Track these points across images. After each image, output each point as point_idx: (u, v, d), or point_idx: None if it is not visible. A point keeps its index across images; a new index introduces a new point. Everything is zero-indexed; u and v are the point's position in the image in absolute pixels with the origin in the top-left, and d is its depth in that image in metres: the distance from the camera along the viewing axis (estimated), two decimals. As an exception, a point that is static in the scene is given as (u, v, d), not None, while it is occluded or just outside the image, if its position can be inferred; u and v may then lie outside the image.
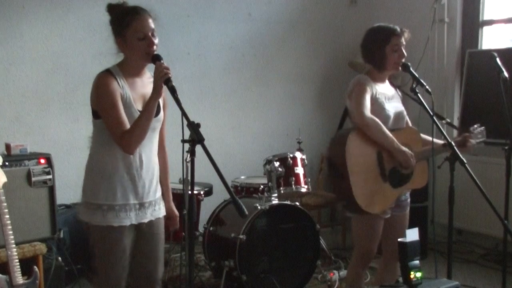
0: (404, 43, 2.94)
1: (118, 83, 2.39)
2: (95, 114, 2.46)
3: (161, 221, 2.60)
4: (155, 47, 2.39)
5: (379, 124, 2.84)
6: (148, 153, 2.48)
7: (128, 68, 2.46)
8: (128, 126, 2.36)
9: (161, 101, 2.48)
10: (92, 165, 2.50)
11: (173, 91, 2.27)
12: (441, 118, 2.91)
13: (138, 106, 2.43)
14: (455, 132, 4.80)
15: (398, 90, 3.14)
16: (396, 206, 3.04)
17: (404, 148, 2.87)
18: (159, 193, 2.58)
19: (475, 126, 3.16)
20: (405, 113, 3.08)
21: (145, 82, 2.49)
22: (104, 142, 2.44)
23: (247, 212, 2.14)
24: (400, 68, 2.95)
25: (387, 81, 3.08)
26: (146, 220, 2.50)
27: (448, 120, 2.96)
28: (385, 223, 3.09)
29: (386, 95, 2.99)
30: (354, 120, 2.90)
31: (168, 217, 2.69)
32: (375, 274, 3.44)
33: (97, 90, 2.41)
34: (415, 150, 2.95)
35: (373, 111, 2.90)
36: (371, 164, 2.88)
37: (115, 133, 2.36)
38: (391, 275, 3.12)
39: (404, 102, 3.17)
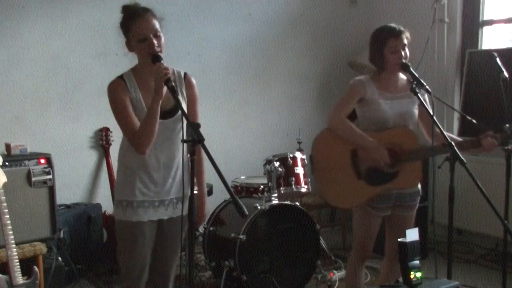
0: (405, 43, 2.93)
1: (128, 87, 2.44)
2: None
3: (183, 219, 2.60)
4: (157, 48, 2.39)
5: (347, 124, 2.95)
6: (167, 152, 2.51)
7: (140, 70, 2.50)
8: (137, 128, 2.41)
9: (183, 101, 2.51)
10: (118, 162, 2.61)
11: (172, 91, 2.29)
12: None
13: None
14: (455, 132, 4.82)
15: (417, 89, 3.06)
16: (401, 207, 3.05)
17: (376, 146, 2.90)
18: (181, 192, 2.58)
19: (507, 125, 2.93)
20: (410, 113, 3.03)
21: None
22: (125, 142, 2.54)
23: (247, 212, 2.15)
24: (399, 69, 2.96)
25: (399, 80, 3.05)
26: (166, 217, 2.56)
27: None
28: (390, 223, 3.10)
29: (388, 95, 2.99)
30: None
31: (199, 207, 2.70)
32: (378, 275, 3.45)
33: (108, 96, 2.49)
34: (406, 148, 2.94)
35: (368, 111, 2.99)
36: (343, 162, 2.97)
37: (127, 135, 2.46)
38: (397, 276, 3.12)
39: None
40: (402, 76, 3.06)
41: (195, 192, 2.61)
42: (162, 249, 2.63)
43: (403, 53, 2.93)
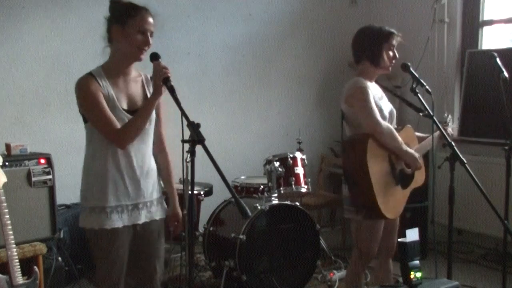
0: (396, 44, 3.00)
1: (99, 83, 2.38)
2: (84, 118, 2.46)
3: (158, 222, 2.57)
4: (148, 46, 2.39)
5: (392, 130, 2.88)
6: (140, 154, 2.46)
7: (111, 67, 2.45)
8: (116, 122, 2.35)
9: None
10: (85, 168, 2.49)
11: (172, 90, 2.28)
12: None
13: (123, 105, 2.42)
14: (455, 132, 4.81)
15: (382, 88, 3.14)
16: None
17: (411, 150, 2.92)
18: (156, 195, 2.55)
19: (445, 115, 3.24)
20: (394, 111, 3.09)
21: (128, 81, 2.47)
22: (95, 145, 2.45)
23: (250, 213, 2.14)
24: (390, 69, 3.00)
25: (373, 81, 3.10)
26: (140, 222, 2.48)
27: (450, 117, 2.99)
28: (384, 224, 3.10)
29: (378, 95, 3.02)
30: (367, 128, 2.87)
31: (173, 219, 2.67)
32: (372, 273, 3.46)
33: (78, 93, 2.41)
34: (413, 148, 2.97)
35: None
36: (386, 169, 2.89)
37: (105, 130, 2.37)
38: (386, 273, 3.16)
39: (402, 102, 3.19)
40: None
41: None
42: (139, 254, 2.53)
43: (396, 54, 2.99)
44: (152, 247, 2.56)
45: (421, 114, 2.95)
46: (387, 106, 3.03)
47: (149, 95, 2.47)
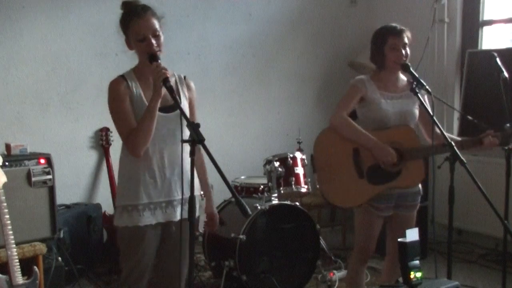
0: (405, 42, 2.95)
1: (128, 85, 2.43)
2: None
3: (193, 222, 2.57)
4: (156, 47, 2.39)
5: (350, 123, 2.93)
6: (172, 152, 2.47)
7: (141, 69, 2.48)
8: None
9: (184, 98, 2.51)
10: (119, 169, 2.54)
11: (171, 91, 2.28)
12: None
13: None
14: (455, 132, 4.81)
15: (417, 89, 3.07)
16: (402, 207, 3.05)
17: (381, 144, 2.89)
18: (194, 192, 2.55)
19: (508, 125, 2.98)
20: (411, 113, 3.03)
21: None
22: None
23: (250, 212, 2.15)
24: (399, 68, 2.97)
25: (399, 80, 3.06)
26: (175, 219, 2.49)
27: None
28: (391, 223, 3.09)
29: (389, 94, 2.99)
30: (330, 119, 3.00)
31: (208, 217, 2.66)
32: (379, 275, 3.44)
33: (108, 94, 2.47)
34: (407, 147, 2.94)
35: (369, 110, 2.98)
36: (345, 161, 2.96)
37: (123, 135, 2.42)
38: (398, 276, 3.12)
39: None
40: (402, 76, 3.07)
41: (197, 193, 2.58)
42: (169, 253, 2.54)
43: (403, 51, 2.94)
44: (183, 246, 2.48)
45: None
46: (397, 107, 2.98)
47: (181, 93, 2.51)
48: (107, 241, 4.31)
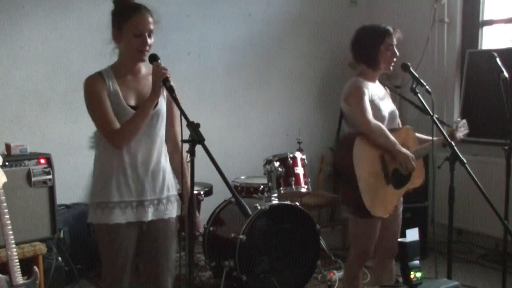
0: (395, 42, 2.98)
1: (105, 82, 2.41)
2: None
3: (168, 222, 2.54)
4: (148, 47, 2.40)
5: (383, 129, 2.88)
6: (146, 151, 2.45)
7: (120, 67, 2.48)
8: (115, 123, 2.37)
9: (163, 98, 2.48)
10: (94, 167, 2.53)
11: (171, 91, 2.28)
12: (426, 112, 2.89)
13: (130, 102, 2.43)
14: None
15: (387, 89, 3.16)
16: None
17: (404, 150, 2.90)
18: (166, 193, 2.53)
19: (458, 119, 3.24)
20: (397, 112, 3.10)
21: (139, 79, 2.49)
22: (100, 143, 2.48)
23: (250, 212, 2.14)
24: (391, 67, 3.00)
25: (377, 81, 3.10)
26: (146, 220, 2.47)
27: (437, 116, 2.96)
28: (382, 224, 3.09)
29: (379, 95, 3.02)
30: (360, 127, 2.90)
31: (181, 220, 2.63)
32: (372, 273, 3.45)
33: (84, 91, 2.46)
34: (411, 149, 2.97)
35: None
36: (376, 168, 2.89)
37: (103, 130, 2.40)
38: (388, 273, 3.15)
39: (402, 102, 3.19)
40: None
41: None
42: (147, 254, 2.53)
43: (396, 51, 2.97)
44: (160, 249, 2.53)
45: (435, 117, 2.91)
46: (387, 107, 3.03)
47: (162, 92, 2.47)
48: (107, 241, 4.30)
